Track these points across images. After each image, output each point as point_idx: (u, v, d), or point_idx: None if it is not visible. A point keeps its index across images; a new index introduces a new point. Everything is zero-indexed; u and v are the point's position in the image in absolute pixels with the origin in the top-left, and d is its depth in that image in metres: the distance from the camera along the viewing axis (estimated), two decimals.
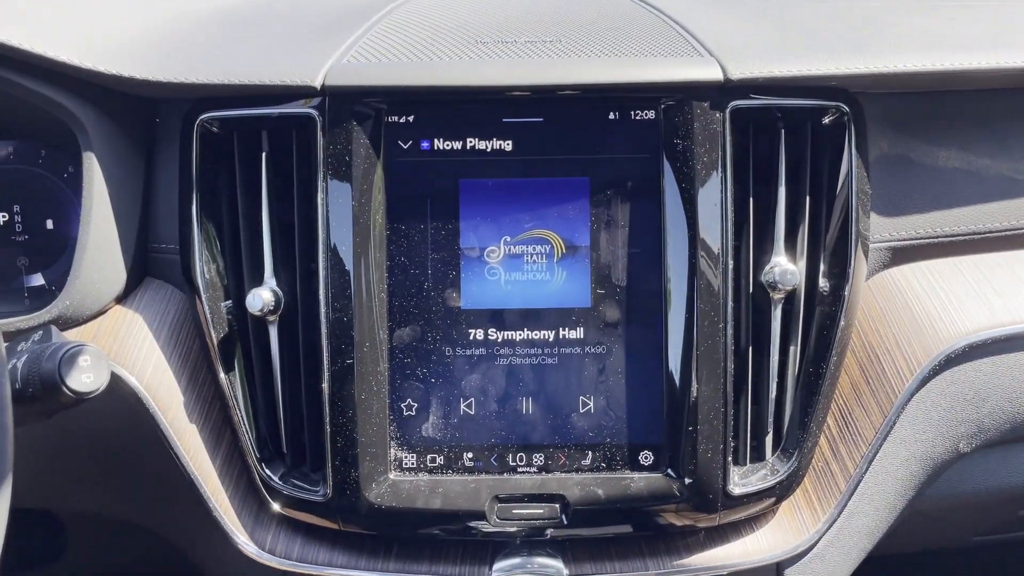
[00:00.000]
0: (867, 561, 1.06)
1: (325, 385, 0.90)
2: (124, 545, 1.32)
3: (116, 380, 0.93)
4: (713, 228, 0.91)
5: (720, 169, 0.91)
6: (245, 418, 0.94)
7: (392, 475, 0.92)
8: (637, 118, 0.93)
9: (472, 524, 0.91)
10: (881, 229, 1.00)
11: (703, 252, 0.90)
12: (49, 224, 1.06)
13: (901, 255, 1.01)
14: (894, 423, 0.95)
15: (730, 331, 0.91)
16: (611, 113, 0.93)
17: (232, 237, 0.96)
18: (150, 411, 0.93)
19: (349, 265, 0.90)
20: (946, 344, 0.95)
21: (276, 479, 0.93)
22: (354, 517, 0.92)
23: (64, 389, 0.77)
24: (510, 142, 0.93)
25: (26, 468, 0.98)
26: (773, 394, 0.94)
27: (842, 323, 0.94)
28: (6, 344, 0.83)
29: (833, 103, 0.94)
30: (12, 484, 1.01)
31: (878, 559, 1.32)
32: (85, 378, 0.78)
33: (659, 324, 0.92)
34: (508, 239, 0.94)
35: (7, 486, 0.68)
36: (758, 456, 0.95)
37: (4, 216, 1.05)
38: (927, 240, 1.01)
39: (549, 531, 0.92)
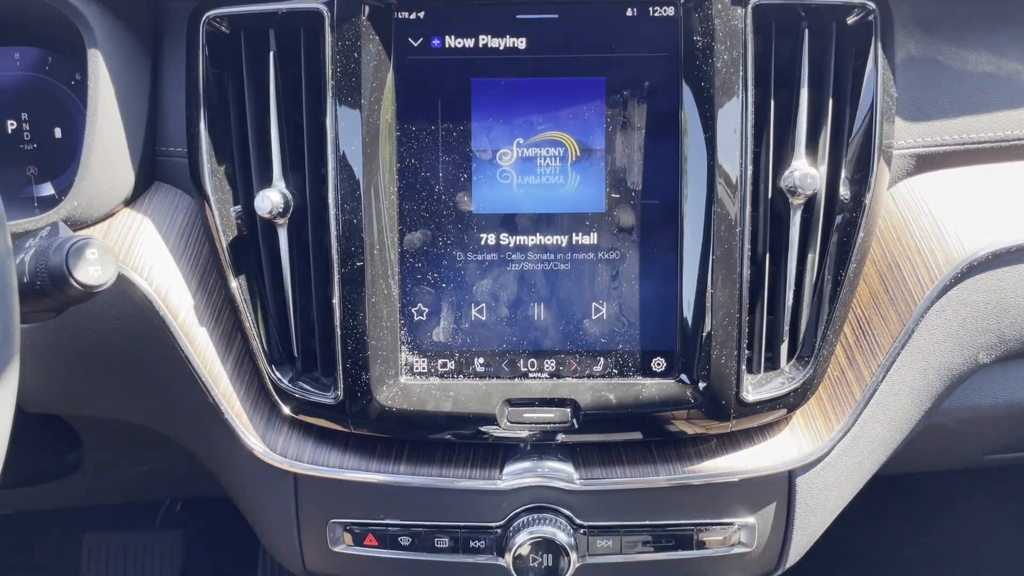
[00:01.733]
0: (879, 479, 1.05)
1: (335, 288, 0.89)
2: (139, 458, 1.33)
3: (126, 283, 0.93)
4: (732, 131, 0.88)
5: (741, 69, 0.88)
6: (255, 322, 0.94)
7: (403, 379, 0.92)
8: (655, 15, 0.90)
9: (482, 428, 0.91)
10: (906, 135, 0.97)
11: (721, 155, 0.88)
12: (57, 133, 1.05)
13: (926, 162, 0.99)
14: (912, 332, 0.93)
15: (747, 237, 0.89)
16: (629, 9, 0.90)
17: (240, 139, 0.94)
18: (160, 314, 0.93)
19: (358, 167, 0.89)
20: (969, 252, 0.93)
21: (286, 382, 0.93)
22: (365, 420, 0.91)
23: (72, 282, 0.76)
24: (524, 40, 0.90)
25: (39, 371, 0.99)
26: (789, 302, 0.93)
27: (862, 231, 0.92)
28: (14, 241, 0.83)
29: (859, 1, 0.90)
30: (28, 388, 1.02)
31: (890, 478, 1.32)
32: (93, 271, 0.77)
33: (675, 229, 0.90)
34: (521, 141, 0.92)
35: (14, 372, 0.67)
36: (772, 366, 0.94)
37: (12, 124, 1.04)
38: (953, 147, 0.98)
39: (560, 436, 0.92)
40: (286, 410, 0.94)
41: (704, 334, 0.89)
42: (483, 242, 0.92)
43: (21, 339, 0.97)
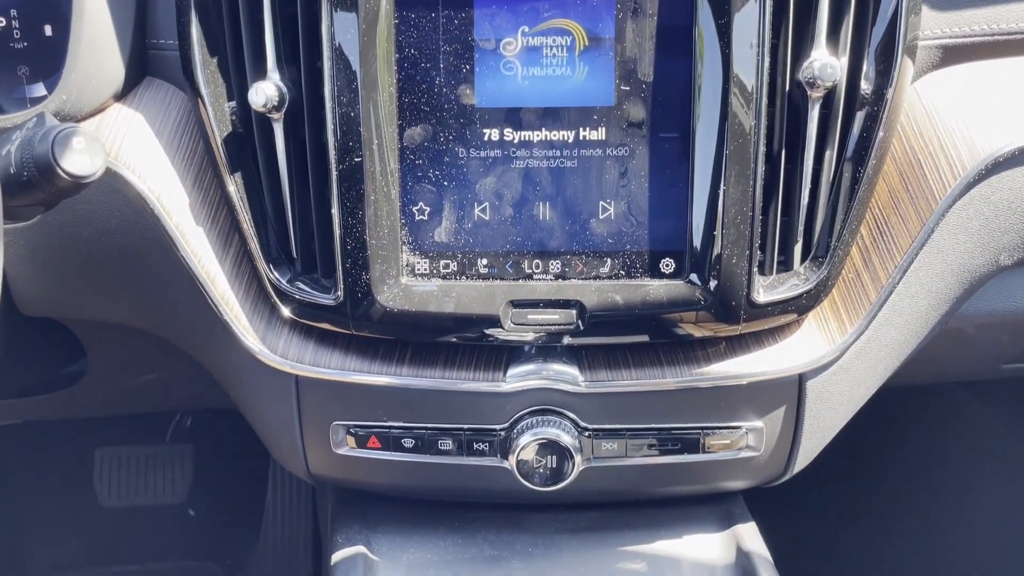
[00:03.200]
0: (891, 390, 1.03)
1: (333, 186, 0.86)
2: (144, 368, 1.33)
3: (119, 181, 0.90)
4: (749, 18, 0.83)
5: None
6: (252, 221, 0.91)
7: (404, 280, 0.89)
8: None
9: (486, 329, 0.89)
10: (932, 25, 0.92)
11: (737, 46, 0.83)
12: (48, 31, 1.01)
13: (952, 55, 0.94)
14: (932, 232, 0.90)
15: (762, 132, 0.85)
16: None
17: (233, 30, 0.90)
18: (154, 213, 0.91)
19: (354, 57, 0.85)
20: (995, 148, 0.89)
21: (285, 283, 0.91)
22: (366, 321, 0.90)
23: (59, 171, 0.74)
24: None
25: (35, 272, 0.97)
26: (805, 201, 0.89)
27: (883, 127, 0.87)
28: (0, 135, 0.80)
29: None
30: (24, 290, 1.01)
31: (903, 389, 1.30)
32: (80, 160, 0.74)
33: (687, 123, 0.86)
34: (526, 30, 0.87)
35: None
36: (785, 268, 0.91)
37: (1, 22, 1.00)
38: (982, 38, 0.93)
39: (566, 339, 0.90)
40: (286, 312, 0.92)
41: (715, 233, 0.86)
42: (486, 137, 0.88)
43: (15, 239, 0.96)
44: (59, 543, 1.92)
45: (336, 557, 0.99)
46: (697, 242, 0.87)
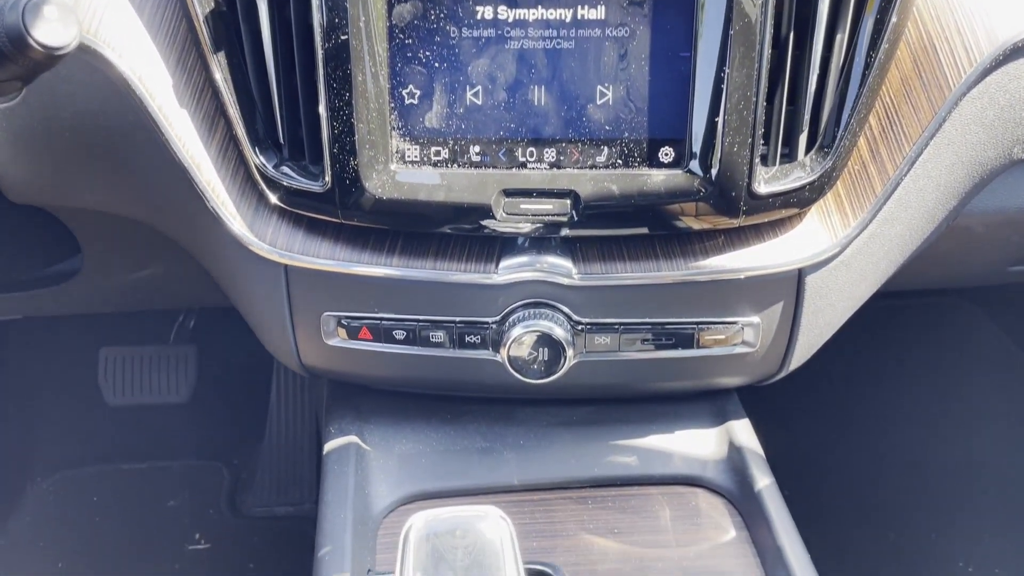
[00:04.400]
0: (892, 296, 1.01)
1: (319, 67, 0.83)
2: (138, 263, 1.32)
3: (98, 59, 0.87)
4: None
5: None
6: (237, 104, 0.88)
7: (393, 166, 0.87)
8: None
9: (477, 219, 0.87)
10: None
11: None
12: None
13: None
14: (944, 121, 0.86)
15: (770, 13, 0.80)
16: None
17: None
18: (137, 94, 0.88)
19: None
20: (1014, 32, 0.84)
21: (272, 168, 0.88)
22: (354, 209, 0.87)
23: (31, 42, 0.71)
24: None
25: (17, 157, 0.95)
26: (812, 88, 0.85)
27: (897, 10, 0.83)
28: None
29: None
30: (7, 175, 0.99)
31: (905, 295, 1.28)
32: (52, 30, 0.71)
33: (691, 3, 0.82)
34: None
35: None
36: (788, 161, 0.88)
37: None
38: None
39: (563, 230, 0.87)
40: (273, 199, 0.90)
41: (717, 120, 0.82)
42: (479, 16, 0.84)
43: None
44: (66, 441, 1.96)
45: (329, 447, 0.99)
46: (698, 129, 0.83)
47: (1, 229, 1.27)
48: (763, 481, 0.92)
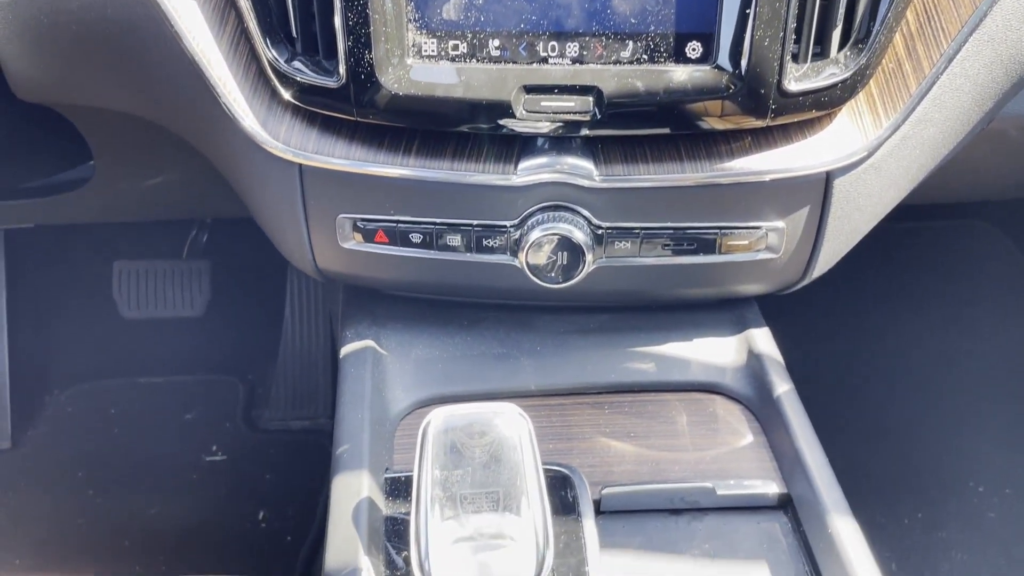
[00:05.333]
0: (914, 217, 0.99)
1: None
2: (152, 170, 1.30)
3: None
4: None
5: None
6: None
7: (410, 60, 0.84)
8: None
9: (496, 116, 0.84)
10: None
11: None
12: None
13: None
14: (985, 15, 0.82)
15: None
16: None
17: None
18: None
19: None
20: None
21: (284, 62, 0.86)
22: (369, 106, 0.85)
23: None
24: None
25: (23, 51, 0.92)
26: None
27: None
28: None
29: None
30: (15, 70, 0.96)
31: (928, 217, 1.25)
32: None
33: None
34: None
35: None
36: (820, 59, 0.84)
37: None
38: None
39: (583, 130, 0.85)
40: (286, 95, 0.87)
41: (748, 12, 0.79)
42: None
43: (1, 15, 0.91)
44: (82, 354, 1.98)
45: (345, 351, 0.99)
46: (728, 22, 0.80)
47: (12, 135, 1.25)
48: (782, 387, 0.92)
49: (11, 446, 1.83)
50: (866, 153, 0.87)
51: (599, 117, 0.84)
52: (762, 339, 0.99)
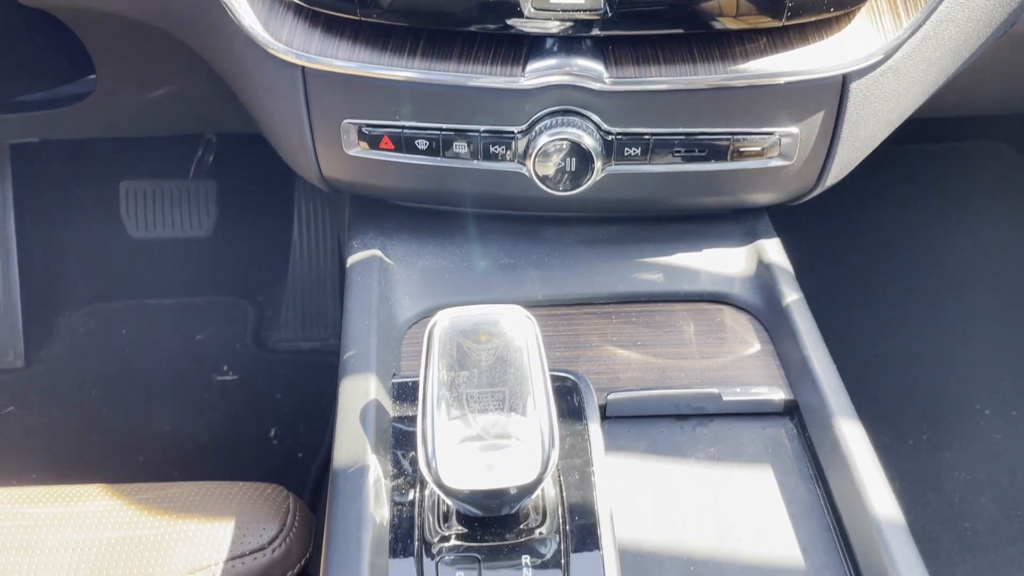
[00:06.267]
0: (934, 139, 0.96)
1: None
2: (154, 81, 1.28)
3: None
4: None
5: None
6: None
7: None
8: None
9: (504, 15, 0.82)
10: None
11: None
12: None
13: None
14: None
15: None
16: None
17: None
18: None
19: None
20: None
21: None
22: (373, 4, 0.82)
23: None
24: None
25: None
26: None
27: None
28: None
29: None
30: None
31: (945, 137, 1.22)
32: None
33: None
34: None
35: None
36: None
37: None
38: None
39: (595, 29, 0.82)
40: None
41: None
42: None
43: None
44: (92, 275, 1.98)
45: (352, 260, 0.98)
46: None
47: (13, 46, 1.23)
48: (791, 296, 0.91)
49: (24, 365, 1.85)
50: (884, 55, 0.84)
51: (610, 16, 0.81)
52: (772, 249, 0.97)
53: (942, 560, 1.61)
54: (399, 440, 0.80)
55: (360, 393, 0.82)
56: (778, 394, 0.86)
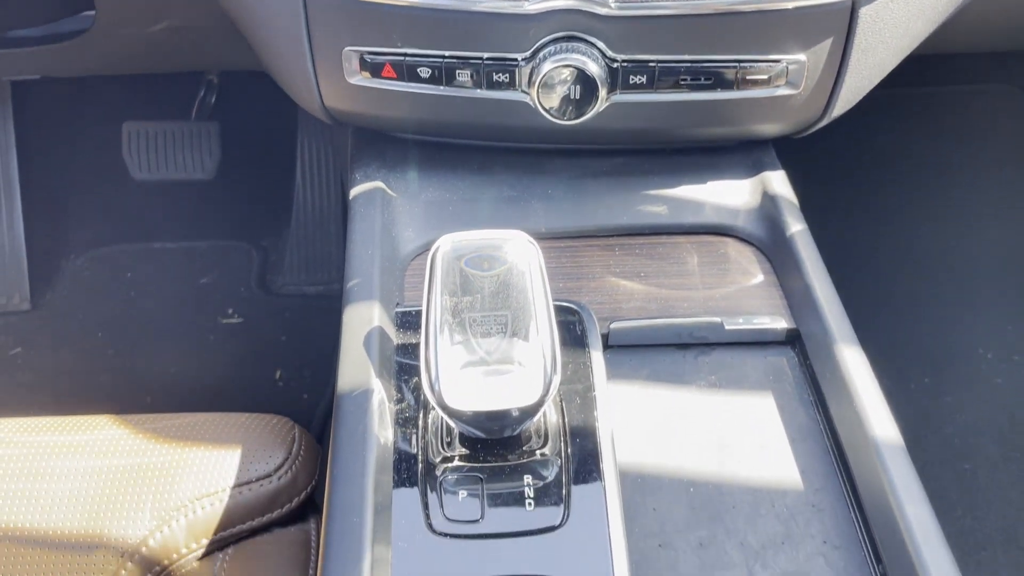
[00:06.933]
0: (940, 82, 0.94)
1: None
2: (153, 16, 1.26)
3: None
4: None
5: None
6: None
7: None
8: None
9: None
10: None
11: None
12: None
13: None
14: None
15: None
16: None
17: None
18: None
19: None
20: None
21: None
22: None
23: None
24: None
25: None
26: None
27: None
28: None
29: None
30: None
31: (952, 80, 1.19)
32: None
33: None
34: None
35: None
36: None
37: None
38: None
39: None
40: None
41: None
42: None
43: None
44: (97, 218, 1.98)
45: (355, 192, 0.98)
46: None
47: None
48: (795, 227, 0.91)
49: (31, 308, 1.86)
50: None
51: None
52: (777, 181, 0.97)
53: (941, 500, 1.63)
54: (402, 367, 0.81)
55: (364, 320, 0.82)
56: (780, 323, 0.86)
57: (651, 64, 0.88)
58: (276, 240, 2.00)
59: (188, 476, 0.92)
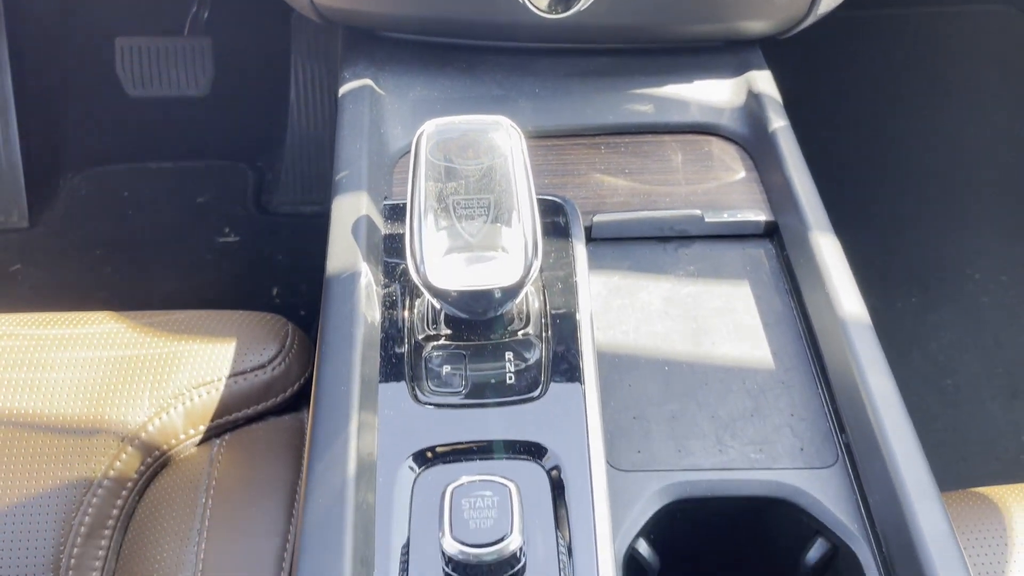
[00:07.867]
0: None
1: None
2: None
3: None
4: None
5: None
6: None
7: None
8: None
9: None
10: None
11: None
12: None
13: None
14: None
15: None
16: None
17: None
18: None
19: None
20: None
21: None
22: None
23: None
24: None
25: None
26: None
27: None
28: None
29: None
30: None
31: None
32: None
33: None
34: None
35: None
36: None
37: None
38: None
39: None
40: None
41: None
42: None
43: None
44: (92, 137, 1.98)
45: (344, 90, 0.99)
46: None
47: None
48: (778, 123, 0.92)
49: (28, 226, 1.88)
50: None
51: None
52: (763, 80, 0.97)
53: (922, 413, 1.67)
54: (390, 253, 0.83)
55: (352, 209, 0.84)
56: (759, 216, 0.88)
57: None
58: (271, 159, 2.00)
59: (185, 366, 0.95)
